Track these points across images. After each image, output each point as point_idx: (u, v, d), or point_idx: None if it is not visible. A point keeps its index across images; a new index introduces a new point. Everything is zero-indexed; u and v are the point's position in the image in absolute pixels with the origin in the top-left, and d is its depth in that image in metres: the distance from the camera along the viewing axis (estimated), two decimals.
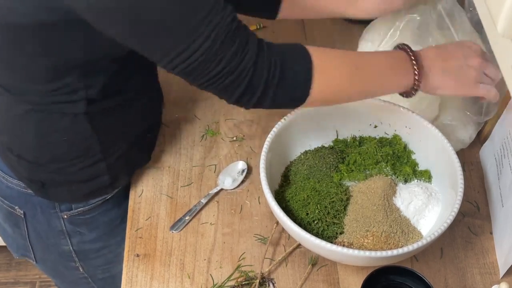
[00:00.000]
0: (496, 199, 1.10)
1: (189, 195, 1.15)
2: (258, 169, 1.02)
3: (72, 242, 1.18)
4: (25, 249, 1.23)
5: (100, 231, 1.18)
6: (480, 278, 1.05)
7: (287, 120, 1.09)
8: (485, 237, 1.10)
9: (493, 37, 0.66)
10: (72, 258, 1.21)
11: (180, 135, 1.24)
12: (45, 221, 1.14)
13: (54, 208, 1.12)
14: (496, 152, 1.11)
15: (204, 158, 1.20)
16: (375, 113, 1.13)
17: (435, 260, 1.06)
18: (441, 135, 1.07)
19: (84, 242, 1.19)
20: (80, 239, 1.18)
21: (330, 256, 0.99)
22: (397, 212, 1.04)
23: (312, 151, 1.14)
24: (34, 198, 1.10)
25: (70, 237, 1.17)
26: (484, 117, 1.15)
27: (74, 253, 1.20)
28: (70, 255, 1.20)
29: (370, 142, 1.14)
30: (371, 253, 0.93)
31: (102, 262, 1.24)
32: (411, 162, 1.12)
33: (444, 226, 0.95)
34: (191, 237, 1.09)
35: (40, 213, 1.13)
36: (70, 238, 1.17)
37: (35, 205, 1.12)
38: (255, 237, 1.09)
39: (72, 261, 1.22)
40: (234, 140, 1.23)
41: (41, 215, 1.14)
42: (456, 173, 1.01)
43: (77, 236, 1.17)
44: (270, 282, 1.03)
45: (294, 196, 1.06)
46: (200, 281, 1.03)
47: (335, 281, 1.04)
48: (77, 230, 1.16)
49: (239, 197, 1.15)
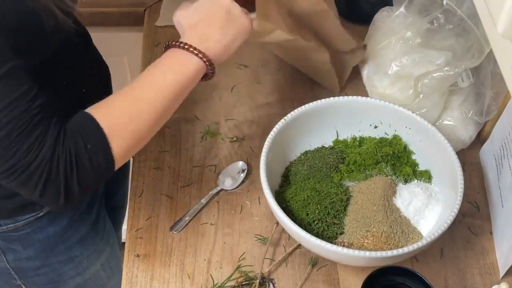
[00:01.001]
0: (496, 199, 1.10)
1: (189, 195, 1.15)
2: (258, 169, 1.02)
3: (7, 259, 1.11)
4: None
5: (36, 248, 1.11)
6: (480, 278, 1.05)
7: (287, 120, 1.09)
8: (485, 238, 1.10)
9: (493, 37, 0.66)
10: (12, 276, 1.15)
11: (180, 135, 1.24)
12: None
13: None
14: (496, 152, 1.11)
15: (204, 159, 1.20)
16: (375, 113, 1.13)
17: (435, 261, 1.06)
18: (441, 135, 1.07)
19: (21, 260, 1.11)
20: (15, 256, 1.11)
21: (330, 257, 0.99)
22: (397, 212, 1.04)
23: (312, 151, 1.14)
24: None
25: (4, 254, 1.11)
26: (485, 118, 1.15)
27: (12, 270, 1.14)
28: (9, 272, 1.14)
29: (370, 142, 1.14)
30: (371, 254, 0.93)
31: (44, 281, 1.18)
32: (411, 162, 1.12)
33: (444, 226, 0.95)
34: (191, 237, 1.09)
35: None
36: (5, 255, 1.11)
37: None
38: (255, 238, 1.09)
39: (12, 279, 1.16)
40: (234, 140, 1.23)
41: None
42: (456, 173, 1.01)
43: (11, 253, 1.10)
44: (270, 283, 1.03)
45: (294, 197, 1.06)
46: (200, 281, 1.03)
47: (335, 282, 1.04)
48: (10, 247, 1.09)
49: (239, 197, 1.15)
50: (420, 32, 1.17)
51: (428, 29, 1.16)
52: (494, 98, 1.14)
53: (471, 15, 1.11)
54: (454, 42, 1.14)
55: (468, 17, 1.12)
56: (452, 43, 1.15)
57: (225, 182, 1.15)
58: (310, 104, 1.11)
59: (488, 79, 1.14)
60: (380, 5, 1.28)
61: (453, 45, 1.14)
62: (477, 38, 1.11)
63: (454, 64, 1.11)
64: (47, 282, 1.18)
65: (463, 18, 1.12)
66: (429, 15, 1.15)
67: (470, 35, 1.12)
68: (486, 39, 0.80)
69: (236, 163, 1.18)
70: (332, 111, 1.13)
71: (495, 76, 1.13)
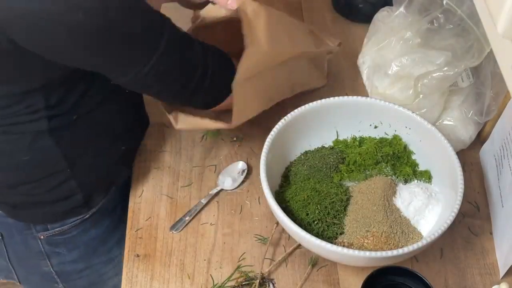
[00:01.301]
0: (496, 199, 1.10)
1: (189, 195, 1.15)
2: (258, 169, 1.02)
3: (52, 263, 1.14)
4: (8, 271, 1.20)
5: (81, 251, 1.15)
6: (480, 278, 1.04)
7: (287, 120, 1.09)
8: (485, 238, 1.10)
9: (493, 37, 0.66)
10: (54, 279, 1.18)
11: (180, 135, 1.24)
12: (22, 242, 1.11)
13: (30, 229, 1.08)
14: (496, 152, 1.11)
15: (204, 159, 1.20)
16: (375, 113, 1.13)
17: (435, 261, 1.06)
18: (441, 135, 1.07)
19: (65, 263, 1.15)
20: (59, 260, 1.14)
21: (330, 257, 0.99)
22: (397, 212, 1.04)
23: (312, 151, 1.14)
24: (9, 219, 1.07)
25: (49, 258, 1.13)
26: (485, 118, 1.15)
27: (56, 274, 1.16)
28: (52, 276, 1.17)
29: (370, 142, 1.14)
30: (371, 254, 0.93)
31: (85, 283, 1.21)
32: (411, 162, 1.12)
33: (444, 226, 0.95)
34: (191, 237, 1.09)
35: (16, 234, 1.10)
36: (49, 259, 1.14)
37: (11, 226, 1.09)
38: (255, 238, 1.09)
39: (54, 282, 1.18)
40: (234, 140, 1.23)
41: (18, 236, 1.11)
42: (456, 173, 1.01)
43: (56, 256, 1.14)
44: (270, 283, 1.03)
45: (294, 197, 1.06)
46: (200, 282, 1.03)
47: (335, 282, 1.04)
48: (55, 251, 1.12)
49: (239, 197, 1.15)
50: (420, 32, 1.17)
51: (428, 29, 1.16)
52: (494, 98, 1.14)
53: (471, 15, 1.11)
54: (454, 42, 1.14)
55: (468, 17, 1.12)
56: (452, 43, 1.15)
57: (225, 182, 1.15)
58: (310, 104, 1.11)
59: (488, 79, 1.14)
60: (380, 5, 1.28)
61: (453, 45, 1.14)
62: (477, 37, 1.11)
63: (454, 64, 1.11)
64: (88, 284, 1.21)
65: (463, 18, 1.12)
66: (429, 15, 1.15)
67: (470, 35, 1.12)
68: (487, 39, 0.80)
69: (236, 163, 1.18)
70: (332, 111, 1.13)
71: (495, 76, 1.13)
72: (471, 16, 1.12)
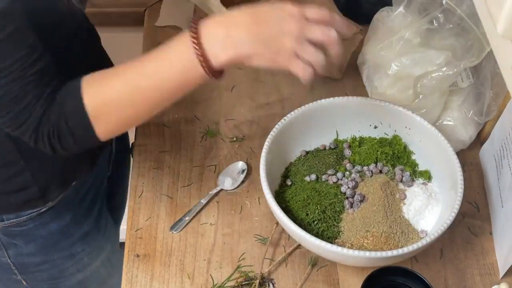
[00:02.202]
0: (496, 199, 1.10)
1: (189, 195, 1.15)
2: (258, 169, 1.02)
3: (9, 254, 1.12)
4: None
5: (39, 244, 1.12)
6: (480, 278, 1.04)
7: (287, 120, 1.09)
8: (485, 238, 1.10)
9: (493, 37, 0.66)
10: (12, 271, 1.15)
11: (180, 135, 1.24)
12: None
13: None
14: (496, 152, 1.11)
15: (204, 159, 1.20)
16: (375, 113, 1.13)
17: (435, 261, 1.06)
18: (441, 135, 1.07)
19: (22, 255, 1.12)
20: (17, 251, 1.12)
21: (330, 257, 0.99)
22: (397, 212, 1.04)
23: (312, 151, 1.14)
24: None
25: (6, 249, 1.11)
26: (485, 118, 1.15)
27: (13, 265, 1.14)
28: (10, 268, 1.14)
29: (370, 143, 1.14)
30: (371, 254, 0.93)
31: (45, 277, 1.18)
32: (411, 162, 1.12)
33: (444, 226, 0.95)
34: (191, 237, 1.09)
35: None
36: (6, 250, 1.11)
37: None
38: (255, 238, 1.09)
39: (13, 274, 1.16)
40: (234, 140, 1.23)
41: None
42: (456, 173, 1.01)
43: (13, 248, 1.11)
44: (270, 283, 1.03)
45: (294, 197, 1.06)
46: (200, 282, 1.03)
47: (335, 282, 1.04)
48: (12, 242, 1.10)
49: (239, 197, 1.15)
50: (419, 32, 1.17)
51: (427, 29, 1.16)
52: (494, 98, 1.14)
53: (470, 15, 1.11)
54: (454, 41, 1.14)
55: (467, 17, 1.12)
56: (451, 42, 1.15)
57: (225, 182, 1.15)
58: (310, 104, 1.11)
59: (488, 79, 1.14)
60: (380, 5, 1.27)
61: (453, 45, 1.14)
62: (477, 37, 1.11)
63: (453, 64, 1.11)
64: (48, 278, 1.19)
65: (463, 17, 1.12)
66: (428, 14, 1.15)
67: (470, 34, 1.12)
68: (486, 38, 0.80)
69: (236, 163, 1.18)
70: (332, 111, 1.13)
71: (495, 76, 1.13)
72: (471, 15, 1.12)
